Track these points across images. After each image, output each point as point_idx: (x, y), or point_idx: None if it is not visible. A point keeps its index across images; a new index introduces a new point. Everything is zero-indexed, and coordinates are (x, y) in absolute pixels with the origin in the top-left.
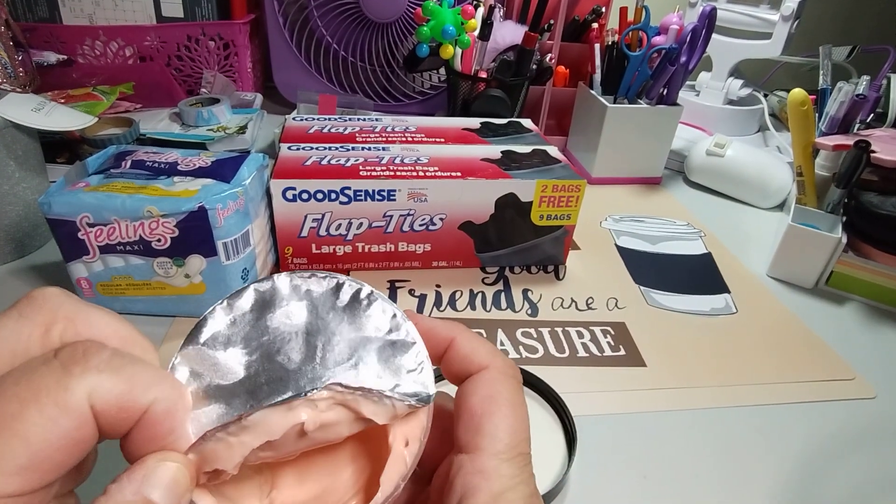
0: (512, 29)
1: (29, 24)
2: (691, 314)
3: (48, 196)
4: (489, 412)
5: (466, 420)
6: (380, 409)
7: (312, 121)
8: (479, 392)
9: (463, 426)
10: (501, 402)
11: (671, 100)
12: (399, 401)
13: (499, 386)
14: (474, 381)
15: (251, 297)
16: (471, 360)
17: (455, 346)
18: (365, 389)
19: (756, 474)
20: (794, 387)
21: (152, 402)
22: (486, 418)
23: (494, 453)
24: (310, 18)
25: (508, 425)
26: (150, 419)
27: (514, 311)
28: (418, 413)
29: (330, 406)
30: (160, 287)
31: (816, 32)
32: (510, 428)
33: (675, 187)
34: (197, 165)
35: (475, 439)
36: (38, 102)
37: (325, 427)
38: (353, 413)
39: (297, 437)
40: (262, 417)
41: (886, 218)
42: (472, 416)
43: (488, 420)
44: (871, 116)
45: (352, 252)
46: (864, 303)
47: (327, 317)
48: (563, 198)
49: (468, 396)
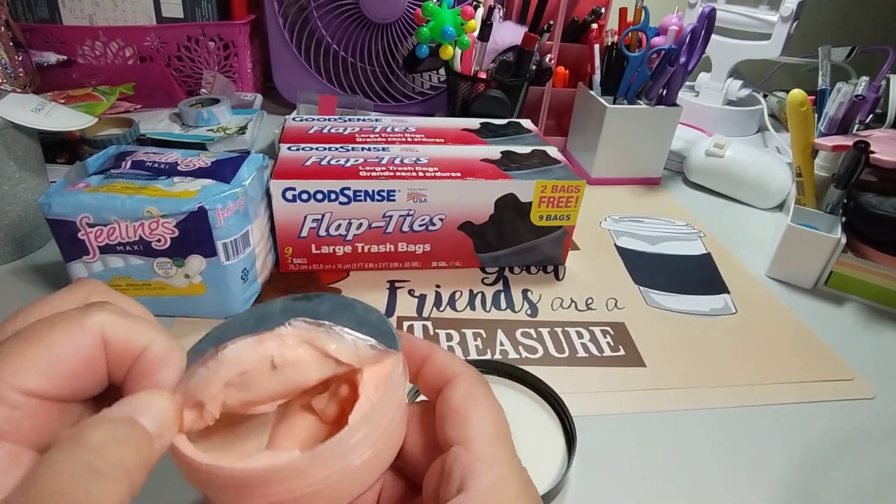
0: (511, 30)
1: (29, 25)
2: (691, 314)
3: (48, 196)
4: (472, 406)
5: (452, 417)
6: (342, 348)
7: (312, 121)
8: (459, 392)
9: (450, 424)
10: (480, 397)
11: (670, 100)
12: (362, 340)
13: (475, 387)
14: (452, 386)
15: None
16: (446, 370)
17: (431, 360)
18: (327, 325)
19: (756, 474)
20: (794, 387)
21: (149, 343)
22: (471, 411)
23: (487, 441)
24: (310, 19)
25: (492, 416)
26: (145, 357)
27: (513, 311)
28: (386, 360)
29: (298, 343)
30: (160, 287)
31: (815, 33)
32: (494, 419)
33: (675, 188)
34: (197, 166)
35: (464, 431)
36: (38, 103)
37: (294, 365)
38: (319, 352)
39: (269, 373)
40: (234, 350)
41: (885, 218)
42: (457, 413)
43: (473, 412)
44: (870, 117)
45: (351, 252)
46: (863, 303)
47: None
48: (562, 198)
49: (449, 398)
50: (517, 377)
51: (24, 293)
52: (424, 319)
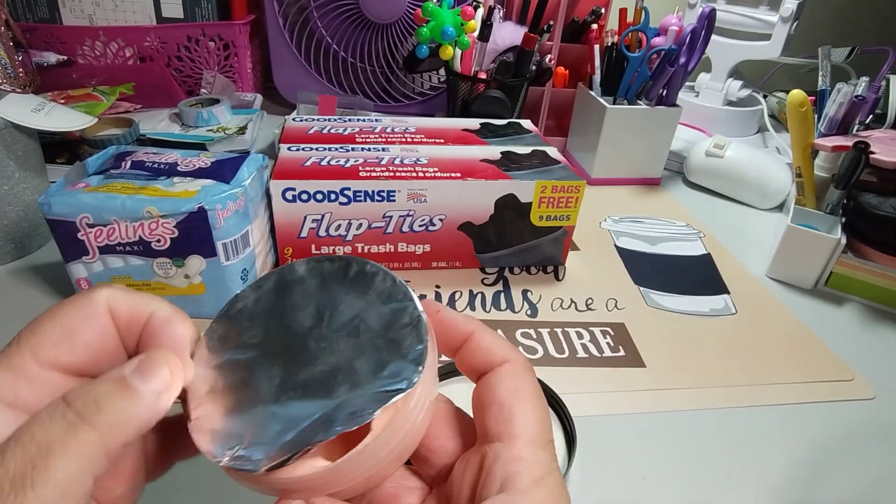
0: (511, 30)
1: (29, 25)
2: (691, 315)
3: (48, 196)
4: (518, 402)
5: (496, 411)
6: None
7: (312, 121)
8: (505, 384)
9: (493, 417)
10: (527, 393)
11: (670, 101)
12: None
13: (522, 379)
14: (498, 374)
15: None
16: (492, 353)
17: (474, 339)
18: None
19: (756, 475)
20: (794, 387)
21: (154, 309)
22: (516, 408)
23: (529, 441)
24: (310, 19)
25: (537, 415)
26: (151, 321)
27: (513, 311)
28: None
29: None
30: (160, 287)
31: (815, 33)
32: (539, 417)
33: (675, 188)
34: (197, 166)
35: (507, 428)
36: (38, 103)
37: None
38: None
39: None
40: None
41: (885, 219)
42: (501, 407)
43: (518, 410)
44: (870, 117)
45: (351, 252)
46: (863, 303)
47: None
48: (562, 198)
49: (495, 389)
50: None
51: (24, 293)
52: None
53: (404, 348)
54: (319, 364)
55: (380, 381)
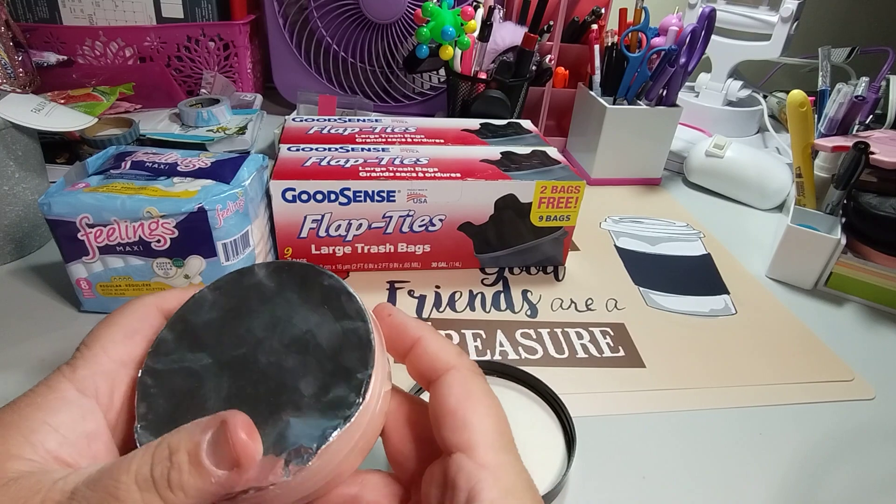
0: (511, 30)
1: (29, 25)
2: (690, 315)
3: (48, 196)
4: (470, 408)
5: (450, 420)
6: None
7: (312, 121)
8: (454, 392)
9: (447, 427)
10: (479, 397)
11: (670, 101)
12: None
13: (471, 384)
14: (446, 382)
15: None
16: (438, 360)
17: (421, 345)
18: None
19: (755, 475)
20: (794, 388)
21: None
22: (470, 414)
23: (489, 445)
24: (310, 19)
25: (492, 418)
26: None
27: (513, 311)
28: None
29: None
30: (160, 288)
31: (815, 34)
32: (494, 420)
33: (675, 188)
34: (197, 166)
35: (464, 436)
36: (38, 103)
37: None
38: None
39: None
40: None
41: (885, 219)
42: (454, 416)
43: (472, 415)
44: (870, 118)
45: (351, 253)
46: (863, 304)
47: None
48: (562, 199)
49: (445, 398)
50: (517, 378)
51: (24, 293)
52: (424, 320)
53: (349, 374)
54: (266, 380)
55: (321, 406)
